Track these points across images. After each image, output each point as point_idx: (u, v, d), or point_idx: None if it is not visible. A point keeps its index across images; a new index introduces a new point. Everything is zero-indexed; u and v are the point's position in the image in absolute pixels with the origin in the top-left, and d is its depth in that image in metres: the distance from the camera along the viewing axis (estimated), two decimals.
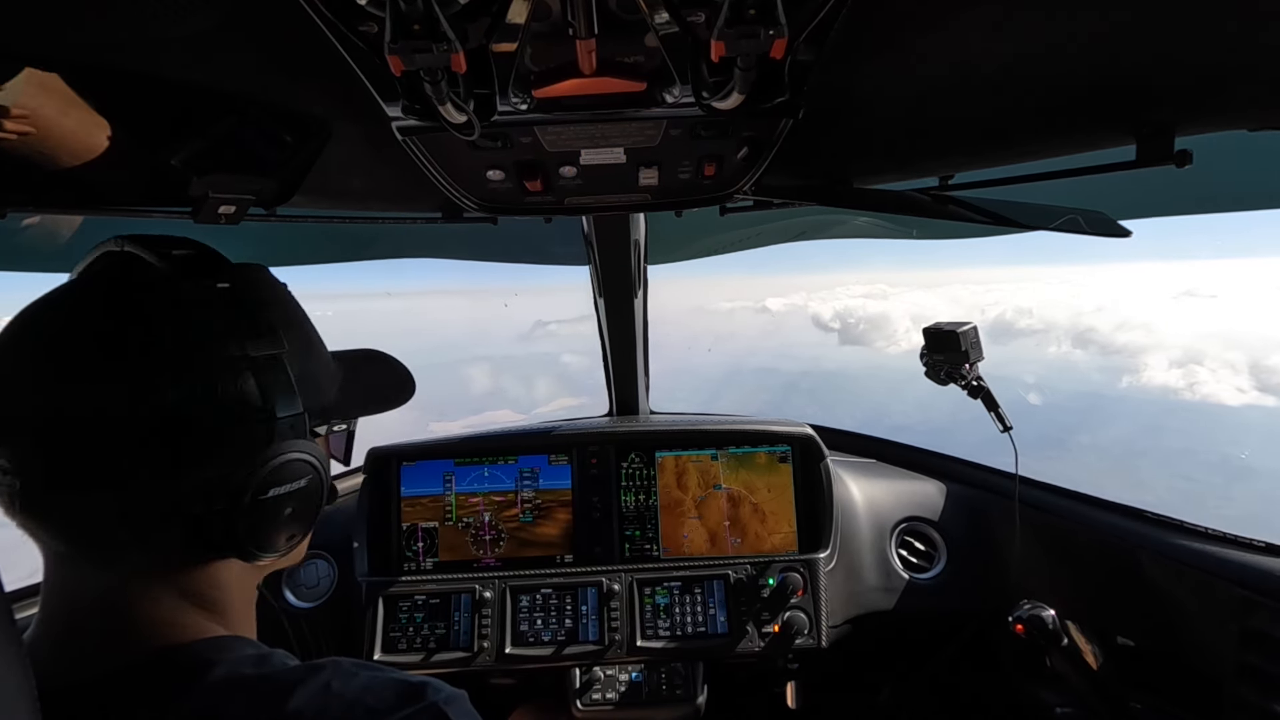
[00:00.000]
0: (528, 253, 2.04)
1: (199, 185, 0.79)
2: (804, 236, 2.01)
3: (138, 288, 0.58)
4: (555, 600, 1.65)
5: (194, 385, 0.56)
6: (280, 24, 0.57)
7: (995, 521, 1.75)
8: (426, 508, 1.75)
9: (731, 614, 1.64)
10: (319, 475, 0.65)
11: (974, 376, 1.56)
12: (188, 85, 0.68)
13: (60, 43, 0.57)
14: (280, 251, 1.74)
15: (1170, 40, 0.62)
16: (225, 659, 0.55)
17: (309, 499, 0.65)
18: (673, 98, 0.69)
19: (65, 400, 0.52)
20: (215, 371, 0.57)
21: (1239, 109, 0.75)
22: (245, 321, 0.60)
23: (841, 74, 0.71)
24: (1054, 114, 0.82)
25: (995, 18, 0.60)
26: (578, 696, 1.61)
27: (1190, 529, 1.38)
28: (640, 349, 1.98)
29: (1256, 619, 1.19)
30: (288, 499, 0.62)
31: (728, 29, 0.48)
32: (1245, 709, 1.20)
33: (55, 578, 0.57)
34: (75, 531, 0.55)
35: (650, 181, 0.93)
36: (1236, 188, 1.37)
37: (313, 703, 0.51)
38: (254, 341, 0.60)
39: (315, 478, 0.64)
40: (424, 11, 0.45)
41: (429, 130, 0.74)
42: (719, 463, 1.80)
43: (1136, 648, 1.48)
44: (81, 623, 0.56)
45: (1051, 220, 0.94)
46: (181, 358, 0.56)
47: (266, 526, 0.61)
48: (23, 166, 0.71)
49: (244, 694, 0.52)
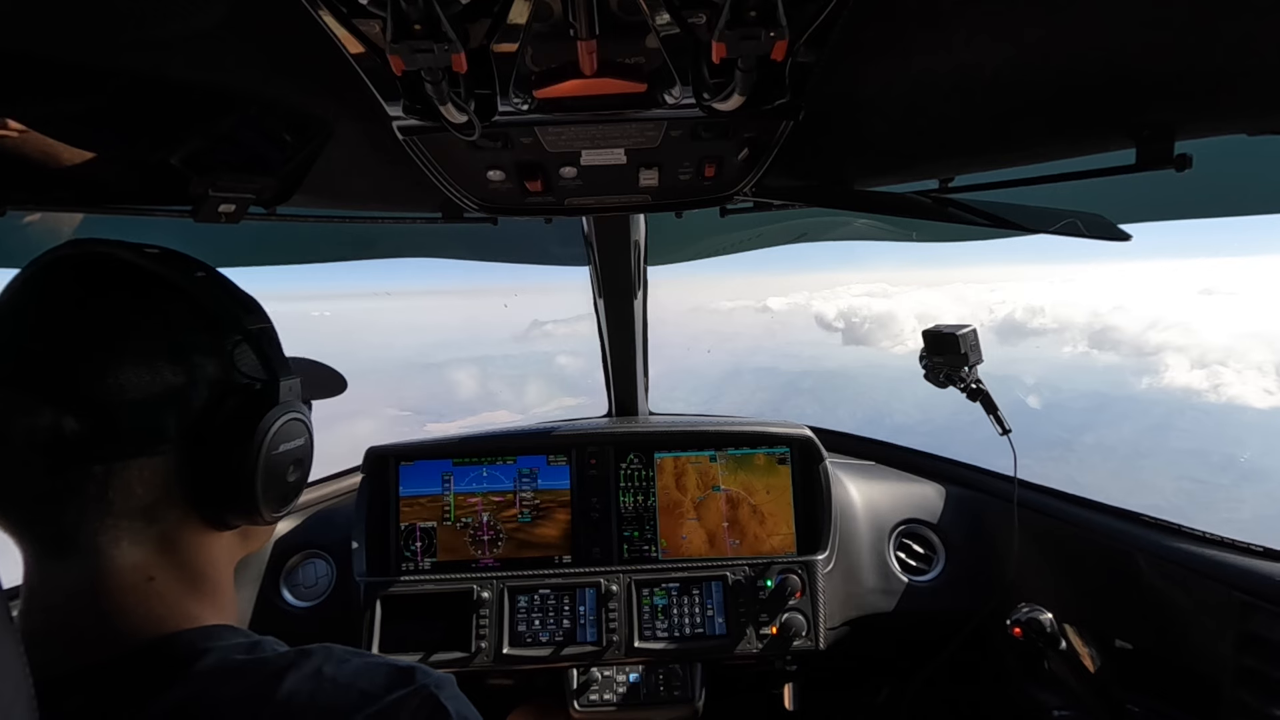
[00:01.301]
0: (527, 253, 2.05)
1: (199, 184, 0.79)
2: (804, 238, 2.01)
3: (137, 278, 0.60)
4: (553, 601, 1.65)
5: (209, 359, 0.60)
6: (281, 23, 0.57)
7: (994, 524, 1.75)
8: (425, 508, 1.75)
9: (730, 615, 1.64)
10: (311, 437, 0.69)
11: (973, 379, 1.56)
12: (188, 84, 0.68)
13: (61, 41, 0.57)
14: (279, 251, 1.74)
15: (1170, 44, 0.62)
16: (216, 646, 0.55)
17: (304, 461, 0.69)
18: (673, 99, 0.69)
19: (110, 378, 0.54)
20: (228, 346, 0.62)
21: (1239, 112, 0.75)
22: (232, 300, 0.65)
23: (842, 76, 0.71)
24: (1054, 117, 0.82)
25: (995, 22, 0.60)
26: (576, 697, 1.61)
27: (1188, 532, 1.38)
28: (640, 350, 1.98)
29: (1254, 622, 1.19)
30: (290, 458, 0.66)
31: (729, 30, 0.48)
32: (1243, 712, 1.20)
33: (38, 570, 0.56)
34: (83, 508, 0.55)
35: (651, 182, 0.93)
36: (1237, 190, 1.37)
37: (305, 686, 0.52)
38: (246, 316, 0.65)
39: (309, 439, 0.69)
40: (425, 11, 0.45)
41: (430, 130, 0.75)
42: (718, 464, 1.80)
43: (1134, 650, 1.48)
44: (70, 614, 0.55)
45: (1051, 223, 0.95)
46: (194, 336, 0.60)
47: (276, 485, 0.64)
48: (23, 164, 0.71)
49: (237, 679, 0.53)
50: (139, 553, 0.57)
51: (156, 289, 0.59)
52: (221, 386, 0.60)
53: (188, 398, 0.58)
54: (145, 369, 0.55)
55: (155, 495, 0.57)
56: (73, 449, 0.53)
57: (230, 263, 1.65)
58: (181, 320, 0.59)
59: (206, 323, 0.61)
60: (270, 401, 0.63)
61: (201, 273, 0.64)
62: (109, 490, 0.54)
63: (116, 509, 0.55)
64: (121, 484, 0.55)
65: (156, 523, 0.58)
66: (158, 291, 0.59)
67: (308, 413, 0.69)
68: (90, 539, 0.55)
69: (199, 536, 0.62)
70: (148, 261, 0.60)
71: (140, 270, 0.59)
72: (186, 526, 0.60)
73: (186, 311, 0.60)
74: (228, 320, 0.63)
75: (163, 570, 0.58)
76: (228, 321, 0.63)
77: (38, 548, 0.56)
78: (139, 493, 0.56)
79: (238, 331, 0.63)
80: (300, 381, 0.71)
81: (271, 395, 0.63)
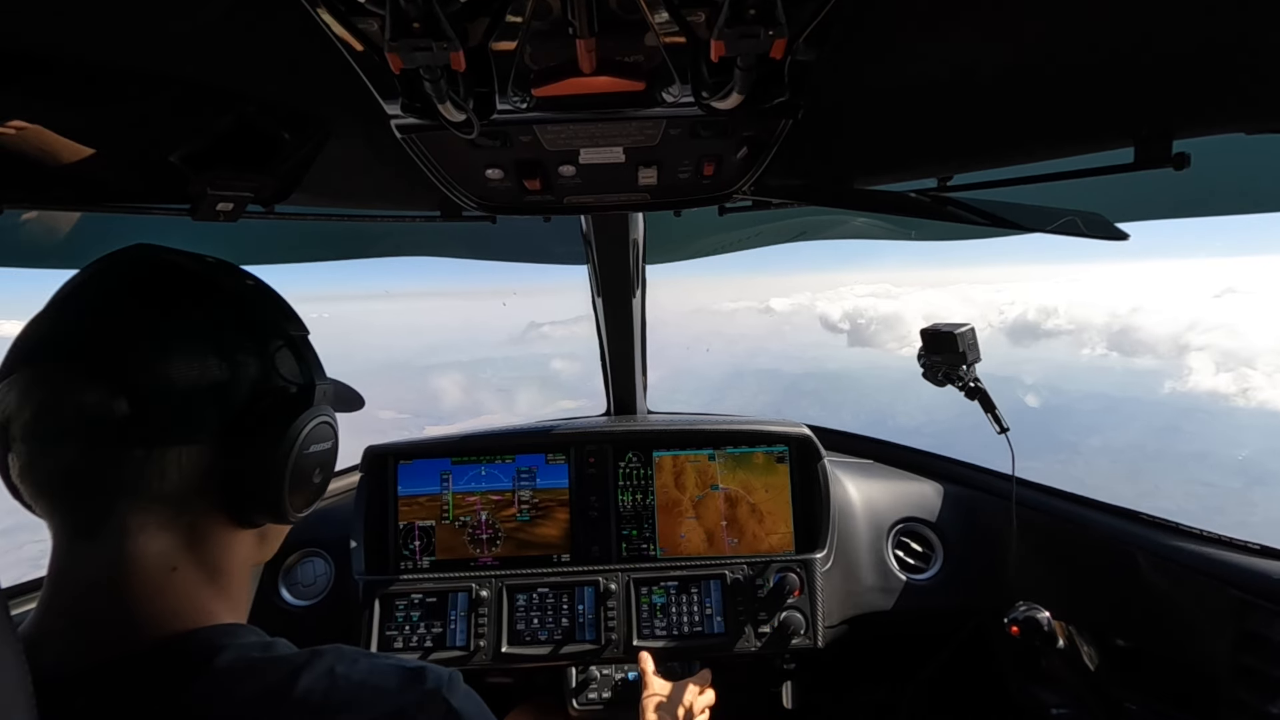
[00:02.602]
0: (526, 252, 2.04)
1: (197, 182, 0.79)
2: (803, 237, 2.01)
3: (193, 281, 0.63)
4: (552, 599, 1.65)
5: (252, 360, 0.63)
6: (279, 22, 0.57)
7: (992, 522, 1.76)
8: (423, 506, 1.75)
9: (728, 614, 1.64)
10: (337, 441, 0.72)
11: (971, 378, 1.56)
12: (186, 82, 0.68)
13: (61, 40, 0.57)
14: (279, 250, 1.74)
15: (1169, 42, 0.62)
16: (233, 644, 0.57)
17: (329, 464, 0.72)
18: (672, 97, 0.69)
19: (159, 367, 0.57)
20: (271, 349, 0.66)
21: (1237, 111, 0.75)
22: (276, 309, 0.69)
23: (841, 74, 0.71)
24: (1052, 116, 0.82)
25: (994, 20, 0.60)
26: (574, 696, 1.61)
27: (1186, 531, 1.38)
28: (638, 348, 1.98)
29: (1252, 621, 1.20)
30: (318, 460, 0.68)
31: (728, 29, 0.48)
32: (1241, 710, 1.20)
33: (66, 550, 0.57)
34: (117, 489, 0.56)
35: (649, 181, 0.93)
36: (1237, 189, 1.37)
37: (319, 685, 0.54)
38: (290, 323, 0.69)
39: (335, 441, 0.72)
40: (424, 9, 0.45)
41: (428, 129, 0.74)
42: (716, 463, 1.80)
43: (1132, 649, 1.48)
44: (93, 601, 0.56)
45: (1049, 222, 0.95)
46: (240, 337, 0.63)
47: (303, 484, 0.67)
48: (21, 163, 0.71)
49: (254, 677, 0.54)
50: (165, 541, 0.59)
51: (211, 292, 0.63)
52: (262, 386, 0.63)
53: (230, 394, 0.60)
54: (194, 362, 0.58)
55: (188, 485, 0.59)
56: (116, 429, 0.55)
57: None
58: (230, 322, 0.63)
59: (252, 327, 0.65)
60: (305, 404, 0.66)
61: (252, 282, 0.68)
62: (145, 474, 0.56)
63: (150, 494, 0.57)
64: (157, 470, 0.57)
65: (185, 513, 0.60)
66: (212, 295, 0.63)
67: (333, 414, 0.71)
68: (120, 520, 0.56)
69: (223, 532, 0.63)
70: (204, 268, 0.65)
71: (197, 275, 0.64)
72: (212, 521, 0.62)
73: (235, 315, 0.64)
74: (272, 326, 0.67)
75: (185, 562, 0.60)
76: (271, 327, 0.67)
77: (67, 526, 0.57)
78: (173, 480, 0.58)
79: (280, 337, 0.67)
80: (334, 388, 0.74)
81: (307, 398, 0.66)
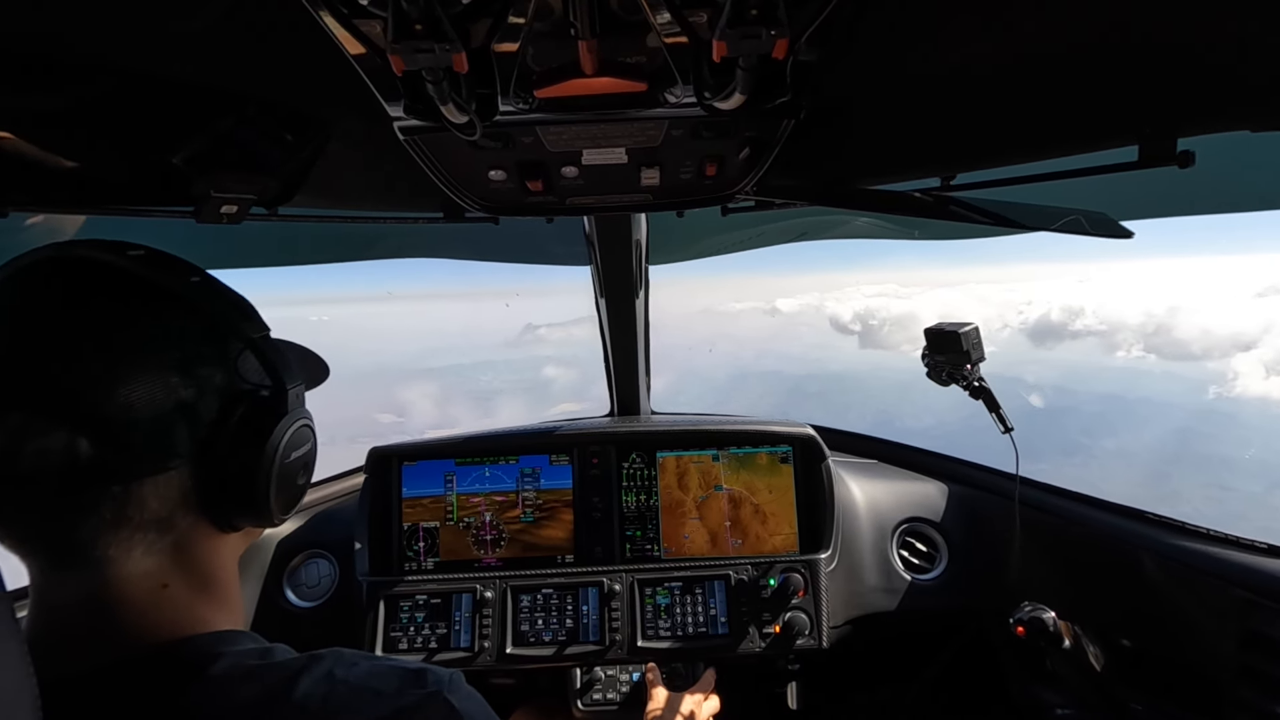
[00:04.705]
0: (529, 253, 2.05)
1: (201, 184, 0.79)
2: (805, 237, 2.01)
3: (128, 285, 0.56)
4: (556, 600, 1.65)
5: (215, 370, 0.59)
6: (282, 24, 0.57)
7: (996, 522, 1.75)
8: (427, 508, 1.75)
9: (732, 615, 1.64)
10: (316, 439, 0.71)
11: (975, 377, 1.56)
12: (190, 85, 0.68)
13: (64, 42, 0.57)
14: (278, 251, 1.74)
15: (1172, 41, 0.62)
16: (229, 651, 0.56)
17: (311, 464, 0.70)
18: (674, 98, 0.69)
19: (120, 398, 0.52)
20: (232, 354, 0.61)
21: (1242, 109, 0.74)
22: (230, 306, 0.63)
23: (843, 74, 0.71)
24: (1056, 114, 0.82)
25: (996, 19, 0.60)
26: (578, 697, 1.61)
27: (1191, 530, 1.37)
28: (641, 349, 1.98)
29: (1257, 620, 1.19)
30: (300, 463, 0.67)
31: (730, 29, 0.48)
32: (1246, 710, 1.19)
33: (44, 580, 0.55)
34: (97, 525, 0.53)
35: (652, 181, 0.93)
36: (1237, 188, 1.36)
37: (318, 689, 0.53)
38: (247, 324, 0.63)
39: (314, 442, 0.70)
40: (426, 11, 0.45)
41: (431, 130, 0.75)
42: (720, 463, 1.79)
43: (1137, 649, 1.48)
44: (81, 617, 0.55)
45: (1053, 221, 0.94)
46: (198, 347, 0.58)
47: (287, 489, 0.65)
48: (25, 166, 0.71)
49: (251, 682, 0.53)
50: (152, 562, 0.57)
51: (154, 297, 0.56)
52: (230, 395, 0.59)
53: (198, 411, 0.56)
54: (154, 384, 0.53)
55: (169, 508, 0.56)
56: (85, 471, 0.51)
57: (231, 264, 1.65)
58: (183, 331, 0.57)
59: (208, 331, 0.59)
60: (280, 410, 0.63)
61: (196, 277, 0.61)
62: (125, 508, 0.54)
63: (131, 524, 0.54)
64: (136, 501, 0.54)
65: (170, 532, 0.58)
66: (157, 300, 0.56)
67: (310, 416, 0.69)
68: (103, 551, 0.54)
69: (209, 540, 0.62)
70: (137, 266, 0.57)
71: (134, 279, 0.56)
72: (198, 532, 0.60)
73: (188, 322, 0.58)
74: (230, 328, 0.61)
75: (176, 577, 0.59)
76: (230, 329, 0.61)
77: (43, 561, 0.55)
78: (154, 506, 0.55)
79: (239, 339, 0.62)
80: (299, 366, 0.71)
81: (280, 403, 0.63)
